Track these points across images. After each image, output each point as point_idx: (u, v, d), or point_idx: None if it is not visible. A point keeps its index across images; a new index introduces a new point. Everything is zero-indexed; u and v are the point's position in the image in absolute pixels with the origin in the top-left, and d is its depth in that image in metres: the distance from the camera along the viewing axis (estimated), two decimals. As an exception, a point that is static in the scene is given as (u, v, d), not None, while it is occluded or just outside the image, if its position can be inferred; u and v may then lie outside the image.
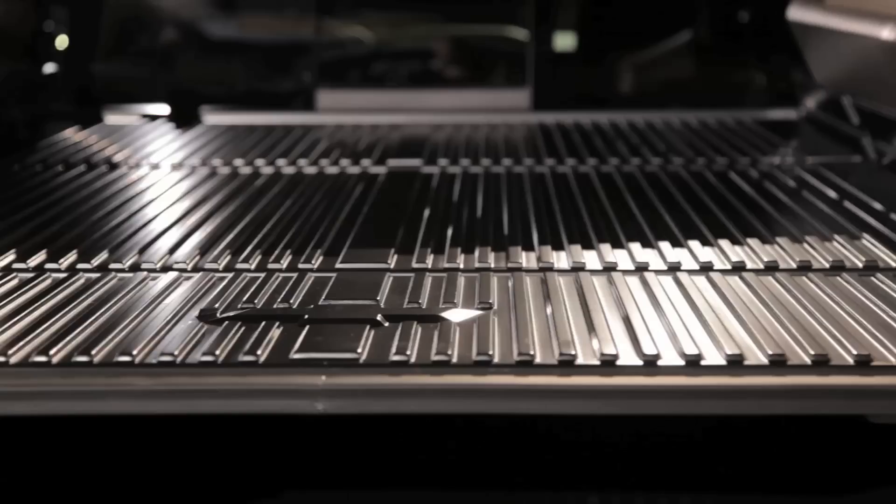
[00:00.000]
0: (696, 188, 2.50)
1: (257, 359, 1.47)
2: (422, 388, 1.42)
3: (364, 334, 1.55)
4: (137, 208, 2.34)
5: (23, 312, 1.66)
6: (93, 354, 1.47)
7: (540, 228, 2.15)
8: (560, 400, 1.41)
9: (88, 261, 1.92)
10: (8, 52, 2.90)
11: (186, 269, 1.90)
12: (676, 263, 1.88)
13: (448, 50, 3.77)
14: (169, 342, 1.53)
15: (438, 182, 2.63)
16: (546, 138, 3.16)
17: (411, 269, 1.90)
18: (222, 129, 3.32)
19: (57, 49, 3.50)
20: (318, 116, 3.53)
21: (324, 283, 1.82)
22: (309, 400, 1.40)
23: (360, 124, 3.41)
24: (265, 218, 2.26)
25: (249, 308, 1.68)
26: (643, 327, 1.57)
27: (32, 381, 1.44)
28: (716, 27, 3.75)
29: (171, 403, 1.42)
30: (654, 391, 1.41)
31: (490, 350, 1.48)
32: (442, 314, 1.63)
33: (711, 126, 3.30)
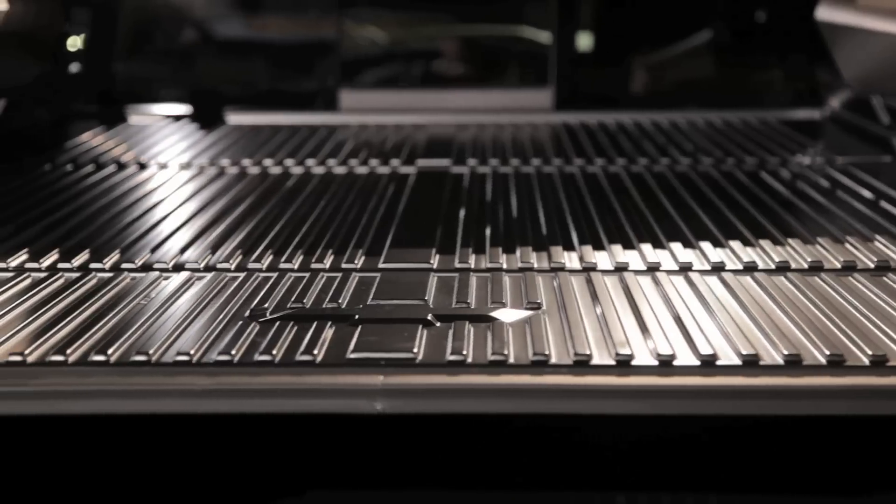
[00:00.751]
0: (730, 188, 2.49)
1: (314, 358, 1.47)
2: (480, 388, 1.42)
3: (417, 334, 1.55)
4: (173, 209, 2.35)
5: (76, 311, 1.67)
6: (151, 354, 1.48)
7: (578, 228, 2.15)
8: (619, 400, 1.41)
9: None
10: (37, 52, 2.90)
11: (230, 270, 1.90)
12: (720, 263, 1.88)
13: (468, 50, 3.77)
14: (224, 342, 1.53)
15: (469, 182, 2.63)
16: (572, 138, 3.16)
17: (455, 268, 1.91)
18: (246, 130, 3.32)
19: (77, 49, 3.51)
20: (340, 116, 3.53)
21: (368, 282, 1.83)
22: (368, 400, 1.40)
23: (383, 124, 3.41)
24: (302, 218, 2.26)
25: (299, 308, 1.68)
26: (696, 327, 1.57)
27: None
28: (737, 26, 3.75)
29: (230, 403, 1.42)
30: (713, 391, 1.42)
31: (546, 350, 1.48)
32: (492, 314, 1.64)
33: (736, 126, 3.30)
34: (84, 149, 3.00)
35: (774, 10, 3.68)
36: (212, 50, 3.74)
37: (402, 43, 3.78)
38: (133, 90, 3.61)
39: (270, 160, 2.85)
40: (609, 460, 1.60)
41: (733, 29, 3.76)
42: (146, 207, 2.36)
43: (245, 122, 3.46)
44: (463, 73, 3.73)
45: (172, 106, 3.54)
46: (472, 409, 1.42)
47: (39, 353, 1.50)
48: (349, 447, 1.82)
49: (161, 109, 3.53)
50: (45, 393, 1.44)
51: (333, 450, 1.83)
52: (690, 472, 1.61)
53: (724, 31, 3.75)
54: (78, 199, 2.44)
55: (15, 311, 1.68)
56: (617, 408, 1.41)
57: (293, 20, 3.79)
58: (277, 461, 1.81)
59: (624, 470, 1.60)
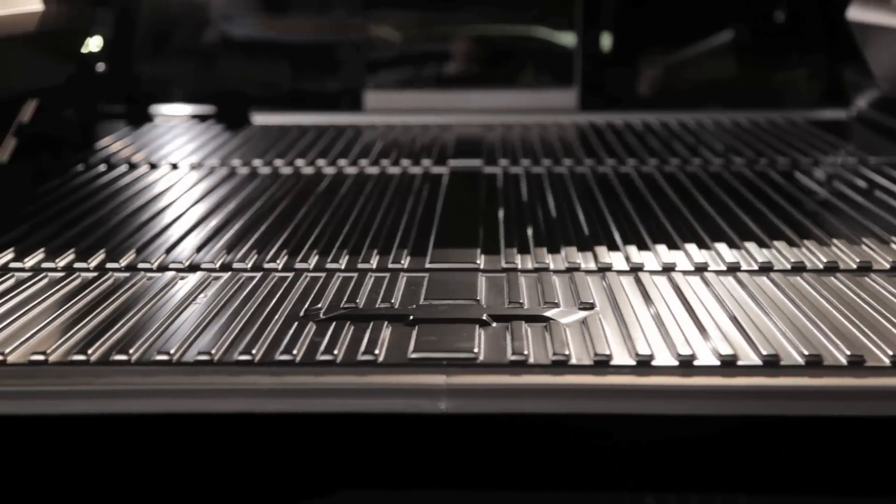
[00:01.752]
0: (766, 188, 2.49)
1: (376, 358, 1.47)
2: (543, 388, 1.42)
3: (475, 334, 1.55)
4: (211, 210, 2.35)
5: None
6: (213, 353, 1.48)
7: (620, 228, 2.15)
8: (683, 400, 1.41)
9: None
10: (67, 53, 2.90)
11: (278, 269, 1.90)
12: (768, 264, 1.89)
13: (492, 51, 3.77)
14: (283, 341, 1.53)
15: (504, 182, 2.63)
16: (600, 138, 3.16)
17: (502, 268, 1.91)
18: (273, 130, 3.32)
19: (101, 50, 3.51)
20: (365, 117, 3.53)
21: (417, 282, 1.83)
22: (432, 399, 1.40)
23: (409, 124, 3.41)
24: (342, 218, 2.26)
25: (352, 308, 1.68)
26: (753, 328, 1.57)
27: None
28: (762, 26, 3.75)
29: (293, 402, 1.42)
30: (775, 392, 1.42)
31: (606, 350, 1.48)
32: (547, 314, 1.64)
33: (763, 126, 3.30)
34: (114, 150, 3.01)
35: (799, 11, 3.68)
36: (237, 51, 3.74)
37: (427, 44, 3.78)
38: (158, 91, 3.61)
39: (302, 161, 2.85)
40: (669, 460, 1.60)
41: (757, 29, 3.77)
42: (184, 208, 2.36)
43: (270, 122, 3.46)
44: (487, 73, 3.73)
45: (198, 107, 3.54)
46: (535, 409, 1.43)
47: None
48: (393, 446, 1.82)
49: (187, 110, 3.54)
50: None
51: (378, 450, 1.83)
52: (749, 471, 1.61)
53: (747, 31, 3.76)
54: (114, 200, 2.44)
55: (59, 310, 1.69)
56: (681, 408, 1.41)
57: (318, 21, 3.79)
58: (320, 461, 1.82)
59: (684, 469, 1.60)
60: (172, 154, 2.93)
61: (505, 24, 3.76)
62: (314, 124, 3.39)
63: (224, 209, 2.34)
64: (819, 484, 1.66)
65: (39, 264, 1.93)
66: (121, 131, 3.28)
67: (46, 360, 1.49)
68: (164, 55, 3.74)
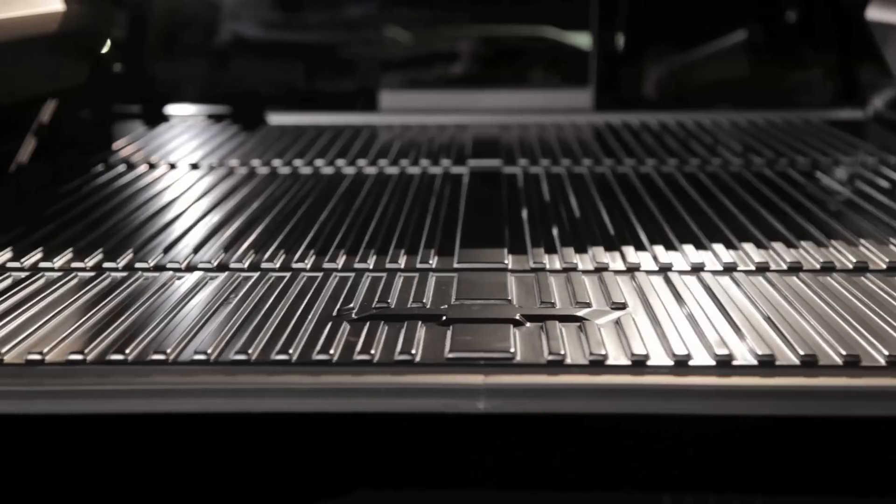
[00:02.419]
0: (788, 188, 2.49)
1: (412, 358, 1.47)
2: (581, 388, 1.42)
3: (510, 334, 1.55)
4: (233, 211, 2.34)
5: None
6: (250, 353, 1.48)
7: (645, 228, 2.14)
8: (722, 401, 1.41)
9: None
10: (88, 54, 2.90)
11: (307, 269, 1.90)
12: (797, 264, 1.89)
13: (507, 52, 3.78)
14: (319, 341, 1.52)
15: (524, 182, 2.63)
16: (617, 138, 3.16)
17: (531, 268, 1.91)
18: (289, 130, 3.32)
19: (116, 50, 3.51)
20: (381, 117, 3.53)
21: (447, 282, 1.83)
22: (470, 399, 1.40)
23: (426, 125, 3.41)
24: (366, 218, 2.26)
25: (384, 307, 1.69)
26: (788, 327, 1.57)
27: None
28: (777, 26, 3.75)
29: (332, 402, 1.42)
30: (814, 392, 1.42)
31: (643, 350, 1.48)
32: (580, 314, 1.64)
33: (780, 126, 3.30)
34: (132, 150, 3.01)
35: (813, 10, 3.68)
36: (252, 51, 3.75)
37: (442, 44, 3.78)
38: (173, 91, 3.61)
39: (321, 161, 2.85)
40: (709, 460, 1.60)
41: (772, 28, 3.77)
42: (207, 208, 2.35)
43: (285, 122, 3.46)
44: (502, 73, 3.74)
45: (213, 107, 3.55)
46: (573, 409, 1.43)
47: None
48: (405, 445, 1.82)
49: (202, 110, 3.54)
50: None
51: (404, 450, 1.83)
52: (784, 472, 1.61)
53: (761, 31, 3.76)
54: (136, 200, 2.44)
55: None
56: (722, 408, 1.41)
57: (333, 21, 3.79)
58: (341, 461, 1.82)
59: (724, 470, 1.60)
60: (191, 155, 2.93)
61: (520, 24, 3.76)
62: (330, 124, 3.40)
63: (247, 210, 2.34)
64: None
65: (69, 264, 1.93)
66: (138, 131, 3.28)
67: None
68: (179, 55, 3.74)
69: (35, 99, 2.68)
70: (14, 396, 1.44)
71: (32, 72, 2.47)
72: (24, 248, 2.01)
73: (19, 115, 2.67)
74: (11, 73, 2.31)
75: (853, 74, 3.55)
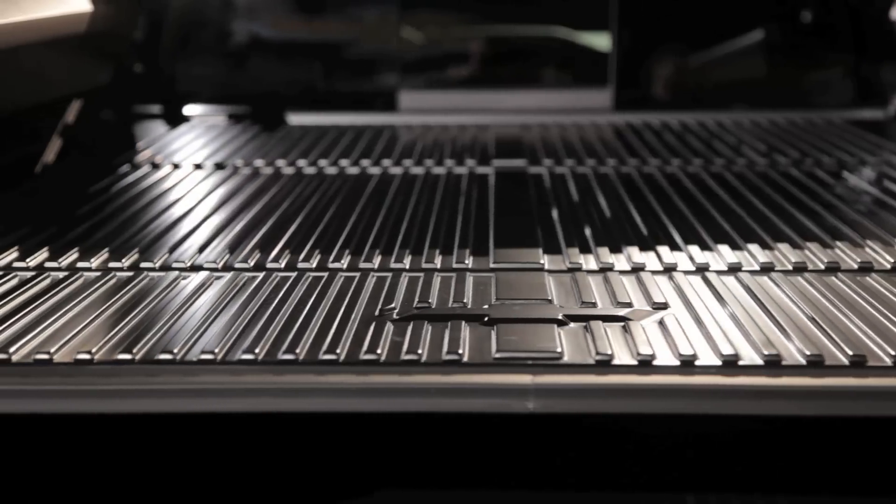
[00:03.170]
0: (818, 188, 2.49)
1: (460, 358, 1.47)
2: (630, 389, 1.42)
3: (555, 334, 1.55)
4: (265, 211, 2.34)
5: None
6: (297, 352, 1.48)
7: (678, 228, 2.14)
8: (772, 401, 1.41)
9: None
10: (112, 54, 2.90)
11: (343, 269, 1.90)
12: (835, 264, 1.88)
13: (527, 52, 3.77)
14: (366, 341, 1.52)
15: (551, 182, 2.63)
16: (639, 138, 3.15)
17: (567, 268, 1.91)
18: (310, 131, 3.32)
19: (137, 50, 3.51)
20: (401, 117, 3.53)
21: (485, 282, 1.82)
22: (520, 399, 1.40)
23: (447, 125, 3.41)
24: (397, 218, 2.25)
25: (426, 307, 1.68)
26: (834, 328, 1.57)
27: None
28: (796, 26, 3.75)
29: (378, 402, 1.42)
30: (864, 391, 1.41)
31: (690, 350, 1.48)
32: (622, 314, 1.64)
33: (802, 125, 3.30)
34: (155, 150, 3.01)
35: (832, 10, 3.68)
36: (272, 51, 3.75)
37: (461, 44, 3.78)
38: (194, 92, 3.61)
39: (346, 161, 2.85)
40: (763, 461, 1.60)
41: (791, 28, 3.76)
42: (237, 208, 2.36)
43: (306, 122, 3.46)
44: (521, 73, 3.73)
45: (233, 107, 3.55)
46: (622, 409, 1.42)
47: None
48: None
49: (222, 111, 3.54)
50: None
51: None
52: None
53: (780, 31, 3.76)
54: (165, 200, 2.44)
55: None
56: (772, 408, 1.41)
57: (352, 22, 3.79)
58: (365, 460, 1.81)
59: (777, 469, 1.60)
60: (214, 155, 2.93)
61: (541, 25, 3.76)
62: (350, 124, 3.40)
63: (278, 210, 2.34)
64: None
65: (105, 264, 1.93)
66: (159, 132, 3.28)
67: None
68: (198, 56, 3.74)
69: (61, 99, 2.68)
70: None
71: (61, 72, 2.47)
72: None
73: (46, 116, 2.67)
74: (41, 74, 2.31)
75: (874, 74, 3.55)
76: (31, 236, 2.09)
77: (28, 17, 2.13)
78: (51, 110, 2.68)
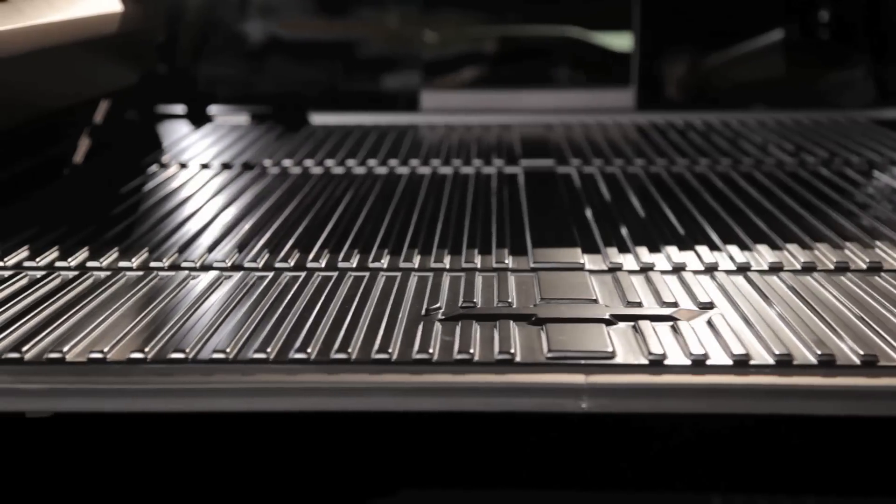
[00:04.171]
0: (849, 187, 2.49)
1: (512, 357, 1.47)
2: (684, 388, 1.42)
3: (604, 333, 1.55)
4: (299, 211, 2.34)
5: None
6: (350, 351, 1.48)
7: (715, 227, 2.14)
8: (826, 401, 1.41)
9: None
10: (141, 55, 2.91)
11: (384, 269, 1.90)
12: (877, 264, 1.88)
13: (549, 51, 3.78)
14: (413, 340, 1.52)
15: (581, 182, 2.63)
16: (664, 137, 3.15)
17: (608, 268, 1.90)
18: (334, 131, 3.31)
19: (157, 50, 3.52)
20: (423, 117, 3.53)
21: (527, 282, 1.82)
22: (573, 399, 1.40)
23: (469, 124, 3.41)
24: (431, 218, 2.25)
25: (471, 306, 1.68)
26: (884, 327, 1.56)
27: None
28: (817, 25, 3.75)
29: (431, 401, 1.42)
30: None
31: (742, 350, 1.48)
32: (669, 313, 1.63)
33: (826, 124, 3.29)
34: (181, 149, 3.01)
35: (853, 10, 3.68)
36: (294, 52, 3.75)
37: (483, 44, 3.78)
38: (217, 92, 3.61)
39: (374, 161, 2.85)
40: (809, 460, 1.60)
41: (812, 27, 3.76)
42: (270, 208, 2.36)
43: (328, 122, 3.46)
44: (542, 73, 3.73)
45: (256, 107, 3.54)
46: (675, 408, 1.42)
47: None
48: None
49: (245, 111, 3.53)
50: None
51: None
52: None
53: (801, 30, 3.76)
54: (197, 200, 2.44)
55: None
56: (823, 408, 1.41)
57: (375, 22, 3.79)
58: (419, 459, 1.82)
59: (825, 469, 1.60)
60: (242, 155, 2.93)
61: (563, 25, 3.75)
62: (372, 124, 3.39)
63: (312, 210, 2.33)
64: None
65: (146, 263, 1.93)
66: (184, 132, 3.28)
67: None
68: (221, 56, 3.74)
69: (92, 100, 2.68)
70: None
71: (93, 73, 2.47)
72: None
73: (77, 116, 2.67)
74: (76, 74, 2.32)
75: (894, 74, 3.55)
76: (70, 235, 2.09)
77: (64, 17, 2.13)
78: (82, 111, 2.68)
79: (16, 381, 1.45)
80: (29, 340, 1.54)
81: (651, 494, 1.83)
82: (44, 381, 1.45)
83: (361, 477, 1.81)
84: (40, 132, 2.38)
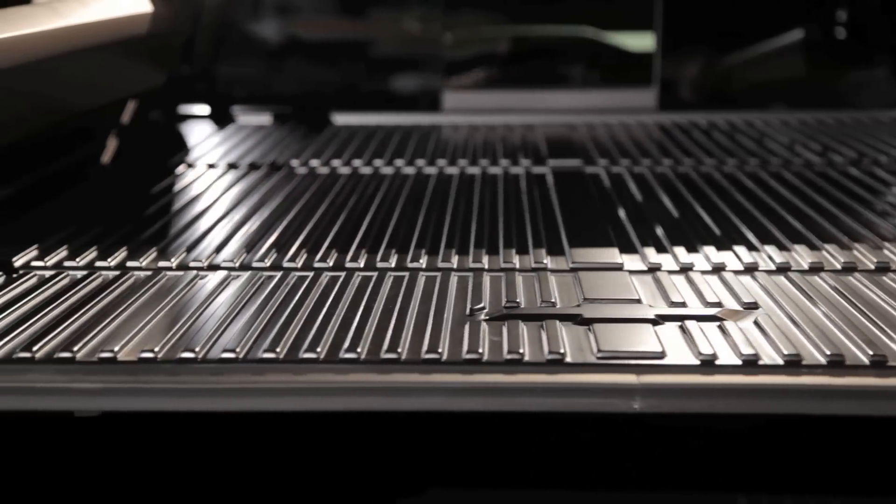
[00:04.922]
0: (881, 187, 2.49)
1: (563, 357, 1.46)
2: (738, 388, 1.41)
3: (652, 333, 1.55)
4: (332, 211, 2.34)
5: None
6: (399, 351, 1.47)
7: (751, 227, 2.14)
8: (880, 401, 1.40)
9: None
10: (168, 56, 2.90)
11: (423, 268, 1.89)
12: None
13: (570, 51, 3.77)
14: (462, 340, 1.52)
15: (610, 182, 2.62)
16: (689, 137, 3.14)
17: (647, 268, 1.90)
18: (357, 131, 3.31)
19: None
20: (445, 117, 3.53)
21: (567, 282, 1.82)
22: (626, 399, 1.40)
23: (492, 125, 3.41)
24: (465, 219, 2.25)
25: (515, 306, 1.68)
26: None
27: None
28: (838, 25, 3.75)
29: (483, 401, 1.42)
30: None
31: (792, 350, 1.47)
32: (715, 313, 1.63)
33: (850, 124, 3.29)
34: (207, 149, 3.01)
35: (873, 10, 3.68)
36: (315, 52, 3.75)
37: (505, 44, 3.78)
38: (239, 92, 3.62)
39: (401, 161, 2.85)
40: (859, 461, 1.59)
41: (833, 27, 3.76)
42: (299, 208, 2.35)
43: (350, 122, 3.46)
44: (565, 73, 3.73)
45: (278, 107, 3.54)
46: (727, 408, 1.42)
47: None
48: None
49: (268, 111, 3.53)
50: None
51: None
52: None
53: (823, 30, 3.75)
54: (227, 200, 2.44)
55: None
56: (878, 409, 1.40)
57: (397, 22, 3.79)
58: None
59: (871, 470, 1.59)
60: (268, 155, 2.93)
61: (584, 25, 3.75)
62: (395, 124, 3.39)
63: (344, 210, 2.33)
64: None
65: (186, 262, 1.93)
66: (208, 132, 3.28)
67: (238, 357, 1.48)
68: (243, 57, 3.74)
69: (121, 100, 2.68)
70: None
71: (123, 73, 2.47)
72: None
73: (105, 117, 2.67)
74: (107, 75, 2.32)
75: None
76: (107, 235, 2.09)
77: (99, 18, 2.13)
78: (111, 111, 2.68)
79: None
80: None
81: (673, 495, 1.82)
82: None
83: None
84: (72, 133, 2.38)
